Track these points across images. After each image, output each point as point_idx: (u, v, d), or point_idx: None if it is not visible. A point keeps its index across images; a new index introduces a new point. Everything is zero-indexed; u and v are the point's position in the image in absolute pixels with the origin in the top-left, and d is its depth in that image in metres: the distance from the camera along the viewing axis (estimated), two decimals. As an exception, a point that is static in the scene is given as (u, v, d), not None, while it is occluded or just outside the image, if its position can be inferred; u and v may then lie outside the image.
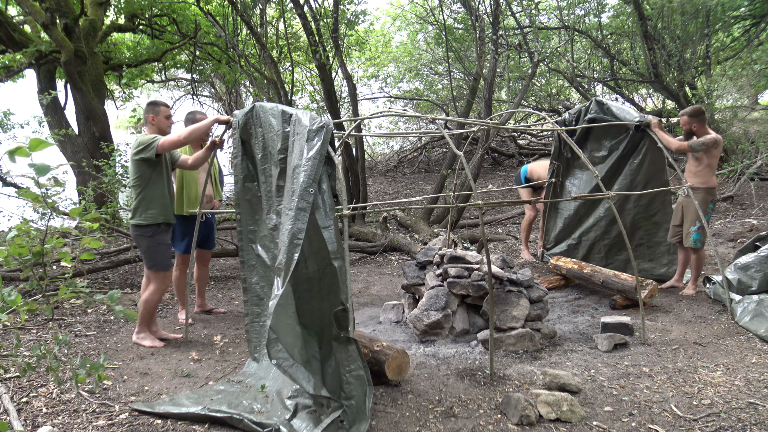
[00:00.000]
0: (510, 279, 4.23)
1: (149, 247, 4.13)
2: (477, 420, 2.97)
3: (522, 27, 9.72)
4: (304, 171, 2.92)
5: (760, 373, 3.45)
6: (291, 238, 2.86)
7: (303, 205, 2.88)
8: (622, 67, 11.76)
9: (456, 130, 6.88)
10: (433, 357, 3.88)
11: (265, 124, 3.39)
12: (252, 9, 9.63)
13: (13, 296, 1.94)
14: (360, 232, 8.15)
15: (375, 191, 12.84)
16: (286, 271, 2.85)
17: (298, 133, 3.09)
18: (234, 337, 4.46)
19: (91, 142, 8.26)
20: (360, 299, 5.58)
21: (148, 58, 10.73)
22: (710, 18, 9.95)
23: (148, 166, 4.05)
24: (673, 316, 4.64)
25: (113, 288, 5.90)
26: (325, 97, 8.94)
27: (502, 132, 13.62)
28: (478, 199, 3.66)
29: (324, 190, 3.00)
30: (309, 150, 2.98)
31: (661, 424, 2.89)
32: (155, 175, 4.10)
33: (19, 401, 3.20)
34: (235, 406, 3.05)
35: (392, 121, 16.27)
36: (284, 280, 2.85)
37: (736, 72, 11.65)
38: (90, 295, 2.16)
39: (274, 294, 2.90)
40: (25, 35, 8.19)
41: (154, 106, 4.28)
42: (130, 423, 2.98)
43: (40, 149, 1.74)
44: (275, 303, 2.80)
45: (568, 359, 3.81)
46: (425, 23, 12.68)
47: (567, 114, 6.04)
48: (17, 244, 2.02)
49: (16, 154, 1.71)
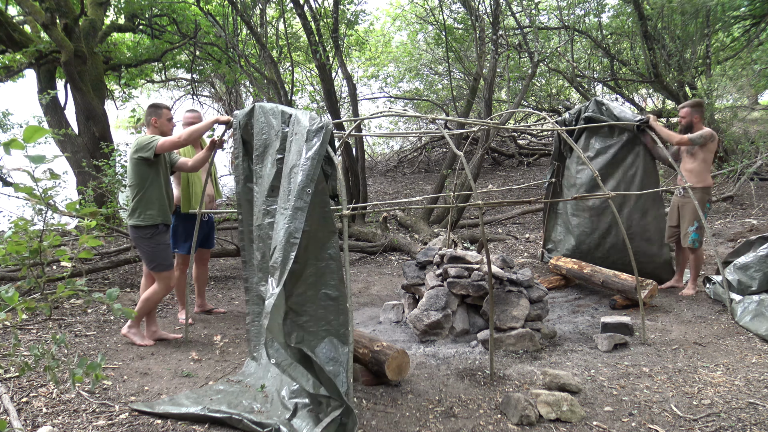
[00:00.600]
0: (510, 279, 4.23)
1: (149, 248, 4.13)
2: (477, 420, 2.97)
3: (522, 27, 9.72)
4: (303, 170, 2.91)
5: (760, 373, 3.45)
6: (287, 237, 2.85)
7: (300, 204, 2.88)
8: (622, 67, 11.76)
9: (456, 130, 6.88)
10: (433, 357, 3.87)
11: (265, 124, 3.39)
12: (252, 9, 9.63)
13: (10, 293, 1.93)
14: (360, 232, 8.15)
15: (375, 191, 12.84)
16: (282, 270, 2.84)
17: (297, 133, 3.08)
18: (234, 337, 4.46)
19: (91, 142, 8.26)
20: (360, 299, 5.58)
21: (148, 58, 10.73)
22: (710, 18, 9.95)
23: (147, 166, 4.05)
24: (673, 316, 4.64)
25: (113, 287, 5.89)
26: (325, 97, 8.94)
27: (502, 132, 13.63)
28: (478, 199, 3.66)
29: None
30: (308, 150, 2.98)
31: (661, 424, 2.89)
32: (153, 176, 4.10)
33: (19, 401, 3.20)
34: (235, 406, 3.05)
35: (392, 121, 16.27)
36: (280, 280, 2.85)
37: (736, 72, 11.65)
38: (89, 293, 2.15)
39: (270, 293, 2.89)
40: (25, 35, 8.19)
41: (156, 109, 4.29)
42: (130, 423, 2.98)
43: (35, 139, 1.71)
44: (271, 302, 2.80)
45: (568, 359, 3.81)
46: (425, 23, 12.68)
47: (567, 114, 6.04)
48: (14, 242, 2.02)
49: (11, 146, 1.69)
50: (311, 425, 2.77)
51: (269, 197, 3.28)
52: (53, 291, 2.18)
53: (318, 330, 3.08)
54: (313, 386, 2.85)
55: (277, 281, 2.88)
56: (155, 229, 4.11)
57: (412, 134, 13.08)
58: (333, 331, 3.02)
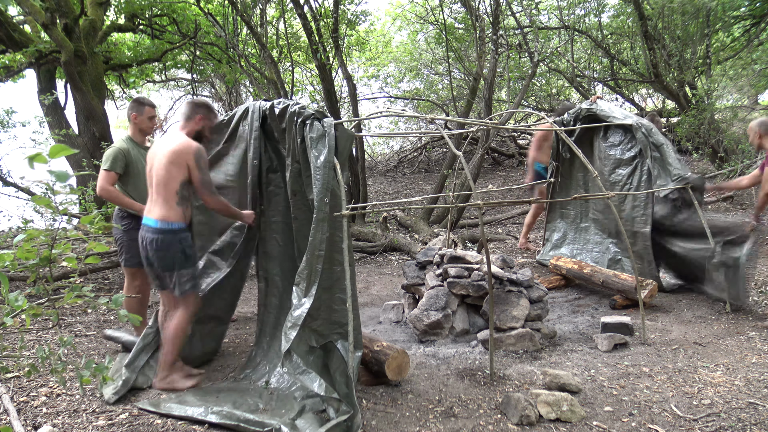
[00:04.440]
0: (510, 279, 4.23)
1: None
2: (477, 420, 2.97)
3: (522, 27, 9.72)
4: (318, 181, 3.00)
5: (760, 373, 3.45)
6: (313, 250, 2.94)
7: (321, 216, 3.00)
8: (622, 67, 11.75)
9: (456, 130, 6.88)
10: (433, 357, 3.87)
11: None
12: (252, 9, 9.64)
13: (20, 301, 1.96)
14: (360, 232, 8.15)
15: (375, 191, 12.84)
16: (309, 282, 2.91)
17: (310, 138, 3.16)
18: (234, 337, 4.46)
19: (91, 142, 8.26)
20: (360, 299, 5.58)
21: (148, 58, 10.73)
22: (710, 18, 9.94)
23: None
24: (673, 316, 4.64)
25: (113, 288, 5.90)
26: (325, 97, 8.94)
27: (502, 132, 13.62)
28: (478, 199, 3.66)
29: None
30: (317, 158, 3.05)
31: (661, 424, 2.89)
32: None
33: (19, 401, 3.20)
34: (240, 405, 3.05)
35: (392, 121, 16.27)
36: (307, 291, 2.91)
37: (736, 72, 11.64)
38: (95, 298, 2.17)
39: (295, 305, 2.95)
40: (25, 35, 8.19)
41: (138, 105, 4.12)
42: (130, 423, 2.98)
43: (60, 155, 1.73)
44: (301, 315, 2.87)
45: (568, 359, 3.81)
46: (425, 23, 12.68)
47: (566, 114, 6.04)
48: (25, 249, 2.03)
49: (35, 160, 1.70)
50: (315, 426, 2.77)
51: (292, 198, 3.38)
52: (60, 296, 2.19)
53: (331, 333, 3.12)
54: (326, 390, 2.88)
55: (304, 292, 2.95)
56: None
57: (412, 134, 13.08)
58: (345, 335, 3.06)
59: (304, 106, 3.31)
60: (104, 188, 3.89)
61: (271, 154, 3.67)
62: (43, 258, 2.06)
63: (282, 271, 3.67)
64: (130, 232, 3.93)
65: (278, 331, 3.48)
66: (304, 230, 3.26)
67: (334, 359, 3.10)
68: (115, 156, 3.93)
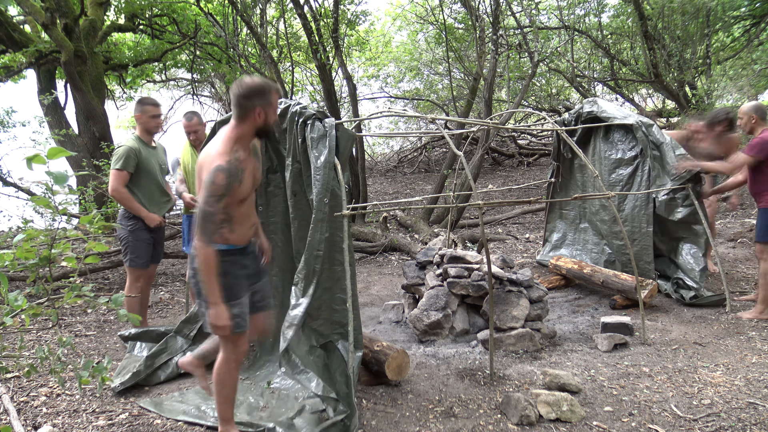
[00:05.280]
0: (510, 279, 4.23)
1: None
2: (477, 420, 2.97)
3: (522, 27, 9.72)
4: (317, 181, 2.99)
5: (760, 373, 3.45)
6: (311, 250, 2.93)
7: (320, 216, 3.00)
8: (622, 67, 11.75)
9: (456, 130, 6.88)
10: (433, 357, 3.87)
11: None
12: (252, 9, 9.64)
13: (19, 301, 1.97)
14: (360, 232, 8.15)
15: (375, 191, 12.84)
16: (307, 282, 2.91)
17: (311, 139, 3.16)
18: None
19: (91, 142, 8.26)
20: (360, 299, 5.58)
21: (148, 58, 10.73)
22: (710, 18, 9.94)
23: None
24: (673, 316, 4.64)
25: (113, 288, 5.90)
26: (325, 97, 8.94)
27: (502, 132, 13.62)
28: (478, 199, 3.66)
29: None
30: (317, 158, 3.05)
31: (661, 424, 2.89)
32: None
33: (19, 401, 3.20)
34: (240, 403, 3.06)
35: (392, 121, 16.27)
36: (304, 291, 2.91)
37: (736, 72, 11.65)
38: (95, 298, 2.17)
39: (293, 304, 2.95)
40: (25, 35, 8.19)
41: (141, 105, 4.22)
42: (130, 423, 2.98)
43: (58, 157, 1.74)
44: (298, 314, 2.86)
45: (568, 359, 3.81)
46: (425, 23, 12.68)
47: (567, 114, 6.03)
48: (24, 249, 2.03)
49: (33, 161, 1.71)
50: (312, 425, 2.78)
51: (292, 199, 3.37)
52: (60, 296, 2.19)
53: (331, 333, 3.12)
54: (323, 390, 2.88)
55: (301, 292, 2.95)
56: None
57: (412, 134, 13.08)
58: (345, 335, 3.06)
59: (305, 106, 3.30)
60: (116, 189, 3.94)
61: (272, 155, 3.67)
62: (42, 258, 2.07)
63: (281, 271, 3.67)
64: (135, 232, 3.97)
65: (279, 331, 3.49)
66: (303, 231, 3.26)
67: (334, 359, 3.10)
68: (126, 155, 3.97)
